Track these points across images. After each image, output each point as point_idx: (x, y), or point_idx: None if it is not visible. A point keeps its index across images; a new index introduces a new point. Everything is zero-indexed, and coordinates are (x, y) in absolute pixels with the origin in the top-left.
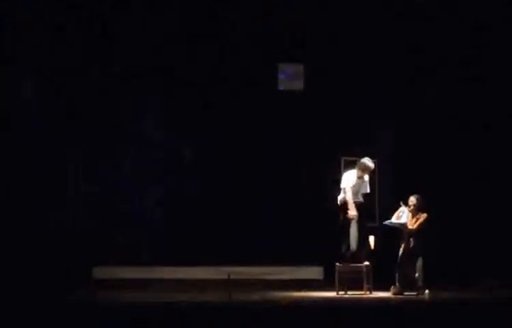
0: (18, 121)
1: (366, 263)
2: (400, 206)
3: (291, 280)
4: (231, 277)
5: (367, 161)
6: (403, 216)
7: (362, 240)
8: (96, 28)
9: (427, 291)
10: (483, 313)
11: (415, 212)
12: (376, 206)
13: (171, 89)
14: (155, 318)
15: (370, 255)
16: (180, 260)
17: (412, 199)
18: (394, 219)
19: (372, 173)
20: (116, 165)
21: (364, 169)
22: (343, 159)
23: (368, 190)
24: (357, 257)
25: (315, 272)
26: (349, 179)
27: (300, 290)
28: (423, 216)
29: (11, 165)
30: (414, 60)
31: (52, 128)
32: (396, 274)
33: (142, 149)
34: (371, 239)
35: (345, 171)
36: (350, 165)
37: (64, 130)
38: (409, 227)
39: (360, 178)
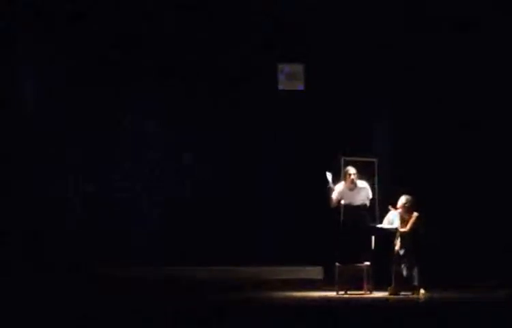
0: (18, 121)
1: (367, 263)
2: (389, 210)
3: (291, 280)
4: (231, 276)
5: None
6: (394, 220)
7: (363, 241)
8: (96, 28)
9: (422, 291)
10: (483, 313)
11: (405, 212)
12: (376, 206)
13: (171, 89)
14: (155, 318)
15: (371, 255)
16: (180, 260)
17: (402, 199)
18: (385, 224)
19: (358, 176)
20: (116, 165)
21: (345, 176)
22: (342, 159)
23: (370, 196)
24: (355, 257)
25: (315, 272)
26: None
27: (300, 290)
28: (414, 216)
29: (10, 164)
30: (413, 60)
31: (52, 127)
32: (392, 274)
33: (142, 149)
34: (372, 239)
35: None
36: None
37: (64, 129)
38: (402, 229)
39: (351, 188)
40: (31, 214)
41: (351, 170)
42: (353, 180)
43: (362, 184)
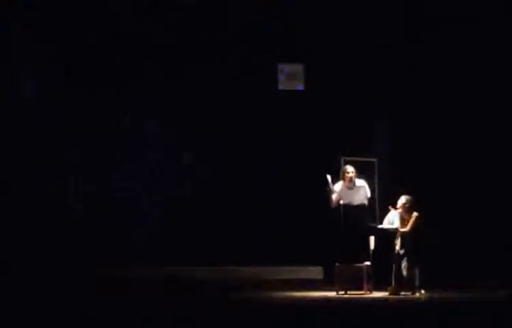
0: (18, 121)
1: (367, 263)
2: (389, 210)
3: (291, 280)
4: (231, 276)
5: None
6: (395, 220)
7: (363, 241)
8: (97, 28)
9: (422, 291)
10: (483, 313)
11: (405, 212)
12: (376, 206)
13: (170, 89)
14: (155, 318)
15: (371, 255)
16: (180, 260)
17: (402, 199)
18: (385, 224)
19: (357, 175)
20: (116, 165)
21: (344, 175)
22: (342, 159)
23: (369, 195)
24: (355, 257)
25: (315, 272)
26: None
27: (300, 290)
28: (414, 215)
29: (10, 164)
30: (413, 60)
31: (52, 127)
32: (392, 274)
33: (142, 149)
34: (371, 239)
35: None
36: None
37: (64, 129)
38: (402, 229)
39: (349, 187)
40: (31, 214)
41: (349, 168)
42: (351, 178)
43: (360, 182)
